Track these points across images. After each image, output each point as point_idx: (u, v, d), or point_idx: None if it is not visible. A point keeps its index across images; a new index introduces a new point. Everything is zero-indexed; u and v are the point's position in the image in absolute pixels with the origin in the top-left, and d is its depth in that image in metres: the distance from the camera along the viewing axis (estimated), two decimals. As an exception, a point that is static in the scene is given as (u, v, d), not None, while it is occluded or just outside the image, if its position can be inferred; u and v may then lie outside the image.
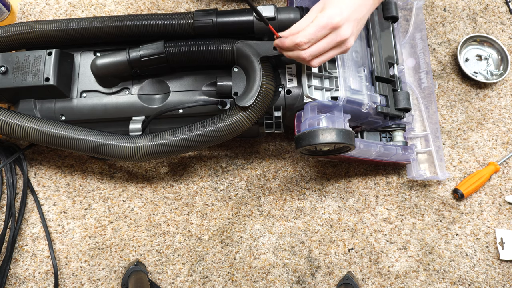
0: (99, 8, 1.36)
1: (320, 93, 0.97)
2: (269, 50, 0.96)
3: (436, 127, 1.17)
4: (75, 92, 1.05)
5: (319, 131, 0.89)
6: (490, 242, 1.16)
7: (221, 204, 1.20)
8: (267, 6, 0.98)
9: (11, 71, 1.01)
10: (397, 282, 1.13)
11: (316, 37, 0.82)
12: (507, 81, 1.29)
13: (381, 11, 1.09)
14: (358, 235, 1.17)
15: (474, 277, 1.13)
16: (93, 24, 1.03)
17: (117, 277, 1.14)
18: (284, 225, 1.18)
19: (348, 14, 0.81)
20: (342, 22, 0.81)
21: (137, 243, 1.16)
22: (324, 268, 1.14)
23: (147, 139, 0.98)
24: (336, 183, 1.21)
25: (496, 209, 1.19)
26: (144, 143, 0.98)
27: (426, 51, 1.21)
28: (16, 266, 1.14)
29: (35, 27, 1.03)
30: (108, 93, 1.05)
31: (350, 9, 0.82)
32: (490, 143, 1.24)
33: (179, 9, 1.36)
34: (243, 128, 0.96)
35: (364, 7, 0.85)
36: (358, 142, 0.99)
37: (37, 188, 1.20)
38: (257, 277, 1.14)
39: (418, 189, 1.20)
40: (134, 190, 1.21)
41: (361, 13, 0.85)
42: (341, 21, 0.80)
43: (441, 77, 1.30)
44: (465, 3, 1.37)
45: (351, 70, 0.97)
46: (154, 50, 0.99)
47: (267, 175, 1.22)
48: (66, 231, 1.17)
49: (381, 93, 1.00)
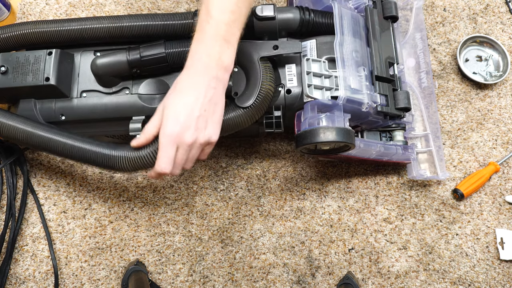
0: (99, 8, 1.36)
1: (320, 93, 0.96)
2: (269, 49, 0.96)
3: (436, 127, 1.17)
4: (75, 92, 1.05)
5: (319, 129, 0.89)
6: (490, 242, 1.16)
7: (221, 204, 1.20)
8: (266, 5, 0.98)
9: (11, 71, 1.01)
10: (397, 282, 1.13)
11: (171, 157, 0.82)
12: (507, 81, 1.29)
13: (381, 11, 1.09)
14: (358, 235, 1.17)
15: (474, 277, 1.13)
16: (93, 24, 1.03)
17: (117, 277, 1.14)
18: (284, 225, 1.18)
19: (185, 118, 0.80)
20: (182, 132, 0.81)
21: (137, 243, 1.16)
22: (324, 268, 1.14)
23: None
24: (336, 183, 1.21)
25: (496, 209, 1.19)
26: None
27: (426, 51, 1.21)
28: (16, 266, 1.14)
29: (35, 27, 1.03)
30: (108, 93, 1.05)
31: (189, 109, 0.81)
32: (490, 143, 1.24)
33: (179, 9, 1.36)
34: (242, 126, 0.96)
35: (209, 89, 0.82)
36: (358, 142, 0.99)
37: (37, 188, 1.20)
38: (257, 277, 1.14)
39: (418, 189, 1.20)
40: (134, 190, 1.21)
41: (206, 99, 0.82)
42: (180, 132, 0.80)
43: (441, 77, 1.30)
44: (465, 3, 1.37)
45: (351, 69, 0.97)
46: (154, 50, 0.99)
47: (267, 175, 1.22)
48: (66, 231, 1.17)
49: (381, 93, 1.00)
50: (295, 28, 1.02)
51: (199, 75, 0.82)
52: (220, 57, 0.82)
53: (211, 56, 0.82)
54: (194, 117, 0.80)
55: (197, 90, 0.81)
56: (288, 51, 0.97)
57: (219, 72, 0.83)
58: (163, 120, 0.82)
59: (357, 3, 1.08)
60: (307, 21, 1.01)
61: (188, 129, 0.80)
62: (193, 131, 0.81)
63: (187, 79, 0.83)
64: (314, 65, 0.98)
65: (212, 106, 0.83)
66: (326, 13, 1.04)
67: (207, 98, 0.82)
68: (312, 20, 1.02)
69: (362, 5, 1.08)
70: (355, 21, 1.04)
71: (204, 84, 0.82)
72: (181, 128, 0.80)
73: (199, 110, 0.81)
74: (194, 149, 0.84)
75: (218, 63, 0.82)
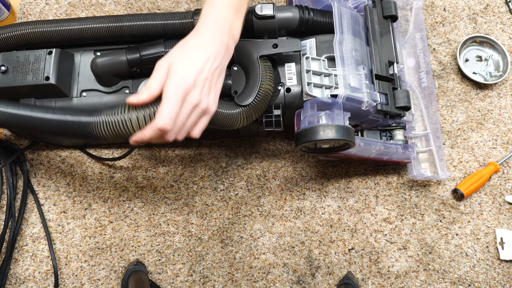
0: (99, 8, 1.36)
1: (320, 91, 0.97)
2: (269, 48, 0.96)
3: (436, 127, 1.17)
4: (75, 91, 1.05)
5: (319, 127, 0.89)
6: (490, 242, 1.16)
7: (221, 204, 1.20)
8: (266, 4, 0.98)
9: (12, 70, 1.01)
10: (397, 282, 1.13)
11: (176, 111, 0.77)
12: (507, 81, 1.29)
13: (380, 10, 1.10)
14: (358, 235, 1.17)
15: (474, 277, 1.13)
16: (93, 24, 1.04)
17: (117, 277, 1.14)
18: (284, 225, 1.18)
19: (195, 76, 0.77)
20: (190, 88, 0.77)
21: (137, 243, 1.16)
22: (324, 268, 1.14)
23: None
24: (336, 183, 1.21)
25: (496, 209, 1.18)
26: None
27: (426, 51, 1.21)
28: (16, 266, 1.14)
29: (35, 27, 1.03)
30: (108, 92, 1.05)
31: (200, 67, 0.78)
32: (490, 143, 1.24)
33: (179, 9, 1.36)
34: (241, 124, 0.96)
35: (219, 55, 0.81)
36: (358, 140, 0.99)
37: (37, 188, 1.20)
38: (257, 277, 1.14)
39: (418, 189, 1.20)
40: (134, 190, 1.21)
41: (214, 64, 0.80)
42: (189, 87, 0.77)
43: (441, 77, 1.30)
44: (465, 3, 1.37)
45: (350, 68, 0.97)
46: (154, 49, 1.00)
47: (267, 175, 1.22)
48: (66, 231, 1.17)
49: (380, 91, 1.00)
50: (294, 27, 1.02)
51: (212, 38, 0.80)
52: (231, 26, 0.82)
53: (225, 22, 0.81)
54: (203, 78, 0.78)
55: (209, 51, 0.79)
56: (287, 49, 0.97)
57: (229, 41, 0.82)
58: (171, 74, 0.77)
59: (356, 3, 1.09)
60: (307, 20, 1.02)
61: (196, 88, 0.78)
62: (199, 91, 0.78)
63: (200, 39, 0.81)
64: (314, 64, 0.98)
65: (218, 73, 0.81)
66: (326, 12, 1.04)
67: (216, 63, 0.80)
68: (312, 19, 1.02)
69: (362, 5, 1.08)
70: (355, 20, 1.04)
71: (216, 48, 0.80)
72: (190, 84, 0.76)
73: (208, 72, 0.79)
74: (194, 114, 0.80)
75: (229, 32, 0.82)
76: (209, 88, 0.80)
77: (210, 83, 0.80)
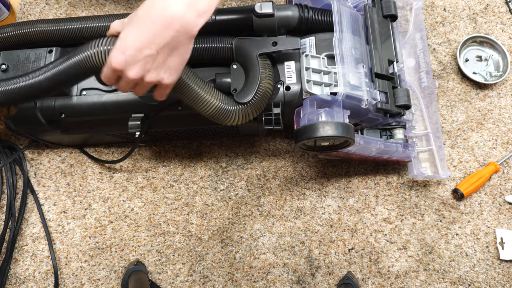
0: (99, 8, 1.36)
1: (319, 88, 0.97)
2: (268, 46, 0.96)
3: (436, 126, 1.17)
4: (75, 90, 1.05)
5: (318, 124, 0.89)
6: (490, 242, 1.16)
7: (221, 204, 1.20)
8: (265, 3, 0.98)
9: (12, 69, 1.02)
10: (397, 282, 1.12)
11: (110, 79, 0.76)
12: (507, 81, 1.29)
13: (380, 10, 1.10)
14: (358, 235, 1.16)
15: (474, 277, 1.13)
16: (93, 23, 1.04)
17: (117, 277, 1.14)
18: (284, 225, 1.17)
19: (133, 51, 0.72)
20: (124, 65, 0.73)
21: (137, 243, 1.16)
22: (324, 268, 1.14)
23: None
24: (336, 183, 1.21)
25: (496, 209, 1.18)
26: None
27: (426, 51, 1.21)
28: (16, 266, 1.14)
29: (35, 27, 1.04)
30: (107, 91, 1.05)
31: (140, 42, 0.72)
32: (490, 143, 1.24)
33: (179, 10, 1.36)
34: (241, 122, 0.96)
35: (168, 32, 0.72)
36: (358, 138, 0.99)
37: (37, 188, 1.20)
38: (257, 277, 1.13)
39: (418, 189, 1.20)
40: (134, 190, 1.21)
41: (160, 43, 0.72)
42: (123, 65, 0.73)
43: (441, 77, 1.30)
44: (465, 3, 1.37)
45: (350, 66, 0.97)
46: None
47: (267, 175, 1.22)
48: (66, 231, 1.17)
49: (380, 90, 1.00)
50: (294, 26, 1.02)
51: (161, 11, 0.71)
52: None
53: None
54: (143, 55, 0.72)
55: (155, 27, 0.71)
56: (287, 47, 0.97)
57: (189, 13, 0.71)
58: (115, 45, 0.74)
59: (356, 2, 1.09)
60: (306, 18, 1.02)
61: (134, 65, 0.73)
62: (138, 68, 0.73)
63: (147, 12, 0.73)
64: (313, 61, 0.98)
65: (169, 49, 0.74)
66: (325, 11, 1.04)
67: (165, 39, 0.72)
68: (311, 18, 1.02)
69: (361, 4, 1.09)
70: (354, 19, 1.04)
71: (164, 23, 0.71)
72: (125, 61, 0.72)
73: (151, 49, 0.72)
74: (141, 86, 0.77)
75: (191, 3, 0.71)
76: (156, 63, 0.74)
77: (158, 60, 0.74)
